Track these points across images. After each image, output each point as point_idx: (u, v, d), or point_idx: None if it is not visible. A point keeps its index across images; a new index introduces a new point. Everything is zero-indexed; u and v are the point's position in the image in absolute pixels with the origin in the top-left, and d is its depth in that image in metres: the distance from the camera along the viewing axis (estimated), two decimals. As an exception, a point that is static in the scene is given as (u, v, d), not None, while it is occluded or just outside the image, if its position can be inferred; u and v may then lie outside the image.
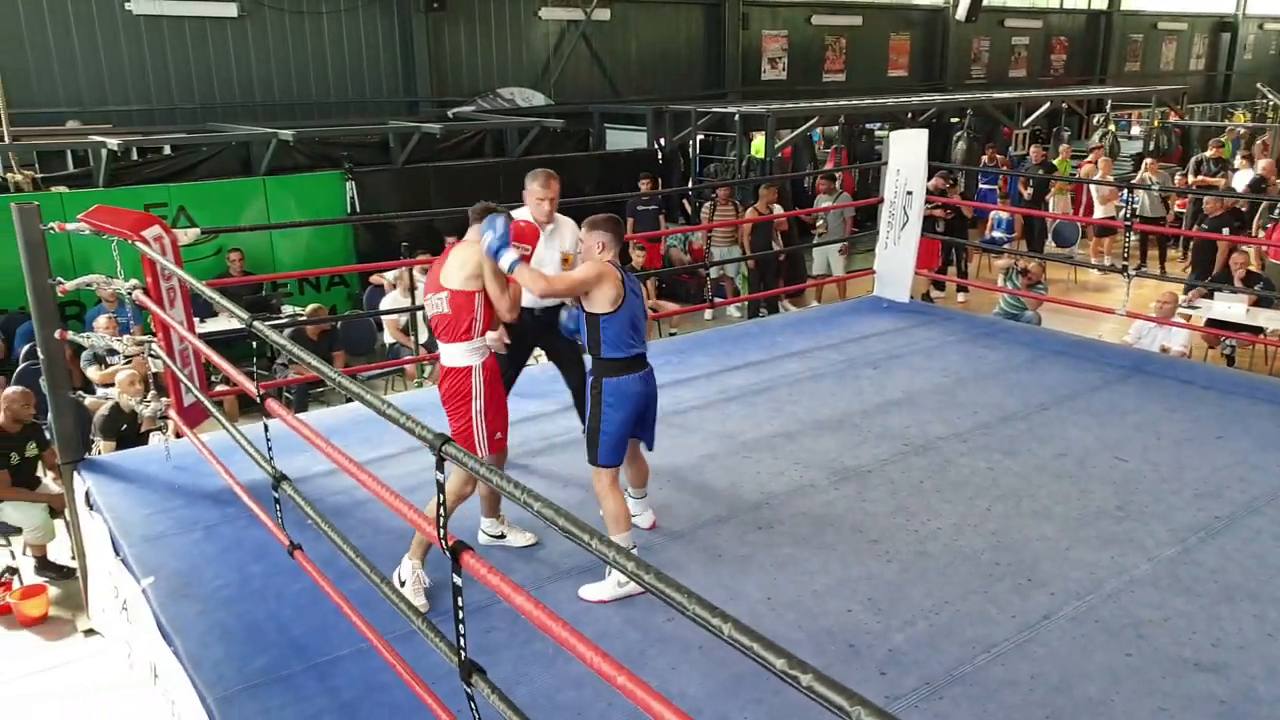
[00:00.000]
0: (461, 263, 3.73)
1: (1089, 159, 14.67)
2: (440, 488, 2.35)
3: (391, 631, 3.08)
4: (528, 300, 4.25)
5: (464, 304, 3.72)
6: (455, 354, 3.76)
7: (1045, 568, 3.94)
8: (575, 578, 3.87)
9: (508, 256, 3.58)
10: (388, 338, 9.29)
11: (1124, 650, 3.41)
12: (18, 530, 5.96)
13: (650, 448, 4.08)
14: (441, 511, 2.33)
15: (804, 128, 14.62)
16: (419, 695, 2.71)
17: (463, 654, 2.30)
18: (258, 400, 3.33)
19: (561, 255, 4.53)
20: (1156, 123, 18.82)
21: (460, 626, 2.29)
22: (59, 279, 4.82)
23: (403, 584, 3.66)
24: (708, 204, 12.08)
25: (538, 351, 5.57)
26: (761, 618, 3.62)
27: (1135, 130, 20.63)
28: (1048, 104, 17.90)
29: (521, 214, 4.48)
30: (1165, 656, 3.39)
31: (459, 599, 2.27)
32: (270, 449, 3.45)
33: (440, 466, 2.34)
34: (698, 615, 1.58)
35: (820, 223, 11.83)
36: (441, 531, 2.33)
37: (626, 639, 3.49)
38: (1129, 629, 3.53)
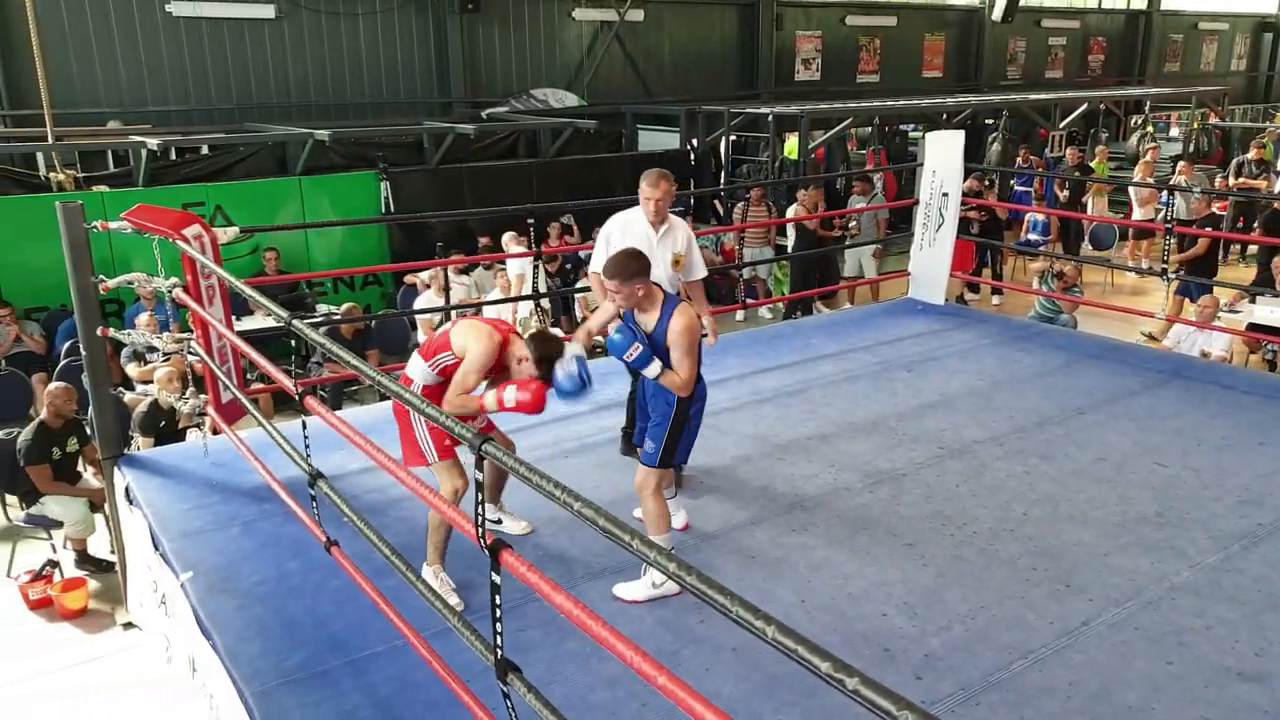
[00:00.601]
0: (473, 338, 3.62)
1: (1148, 159, 14.37)
2: (479, 486, 2.36)
3: (427, 629, 3.09)
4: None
5: (439, 350, 3.72)
6: (413, 365, 3.81)
7: (1083, 573, 3.89)
8: (609, 578, 3.87)
9: (653, 368, 3.61)
10: (421, 337, 9.34)
11: (1165, 658, 3.37)
12: (59, 524, 6.05)
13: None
14: (480, 510, 2.34)
15: (838, 129, 14.55)
16: (455, 692, 2.72)
17: (499, 652, 2.31)
18: (296, 398, 3.35)
19: (673, 256, 4.53)
20: (1196, 124, 18.56)
21: (498, 625, 2.30)
22: (101, 277, 4.89)
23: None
24: (740, 205, 12.06)
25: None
26: (795, 621, 3.59)
27: (1174, 132, 20.35)
28: (1085, 105, 17.69)
29: (636, 213, 4.53)
30: (1207, 665, 3.33)
31: (497, 597, 2.28)
32: (308, 446, 3.47)
33: (480, 465, 2.34)
34: (740, 617, 1.57)
35: (853, 224, 11.78)
36: (480, 530, 2.33)
37: (660, 640, 3.49)
38: (1170, 636, 3.48)
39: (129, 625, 5.33)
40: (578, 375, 3.61)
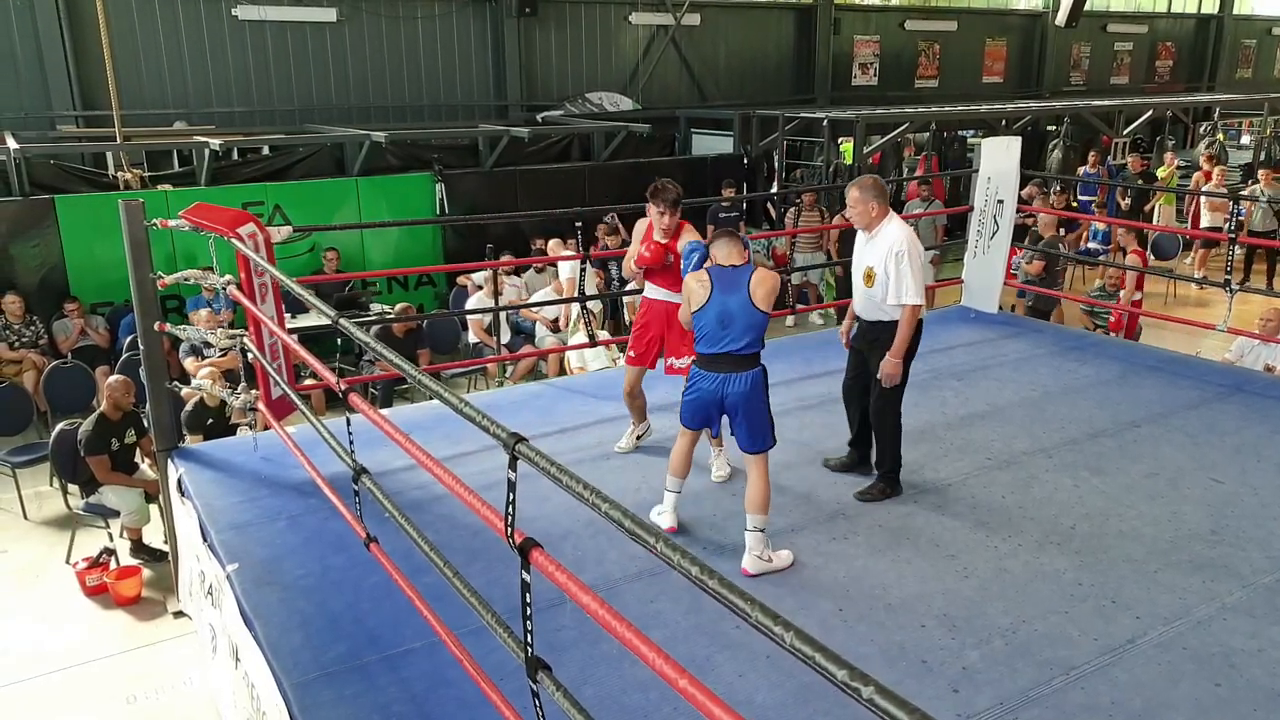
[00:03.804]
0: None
1: (1204, 168, 14.12)
2: (511, 486, 2.37)
3: (462, 626, 3.12)
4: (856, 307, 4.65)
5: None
6: None
7: (1131, 590, 3.80)
8: (646, 579, 3.87)
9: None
10: (472, 337, 9.44)
11: (1213, 680, 3.27)
12: (116, 513, 6.22)
13: (745, 448, 4.06)
14: (511, 509, 2.36)
15: (894, 133, 14.41)
16: (485, 691, 2.74)
17: (529, 650, 2.32)
18: (340, 395, 3.41)
19: (866, 270, 4.50)
20: (1268, 131, 18.06)
21: (528, 624, 2.31)
22: (159, 273, 5.01)
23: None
24: (792, 209, 12.00)
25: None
26: (833, 629, 3.57)
27: (1245, 139, 19.83)
28: (1150, 111, 17.30)
29: None
30: (1258, 689, 3.24)
31: (527, 596, 2.29)
32: (351, 443, 3.52)
33: (513, 465, 2.36)
34: (760, 623, 1.56)
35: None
36: (510, 529, 2.35)
37: (694, 644, 3.48)
38: (1219, 658, 3.39)
39: (179, 614, 5.45)
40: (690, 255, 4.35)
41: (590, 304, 7.24)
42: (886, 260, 4.34)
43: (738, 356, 3.98)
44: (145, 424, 6.20)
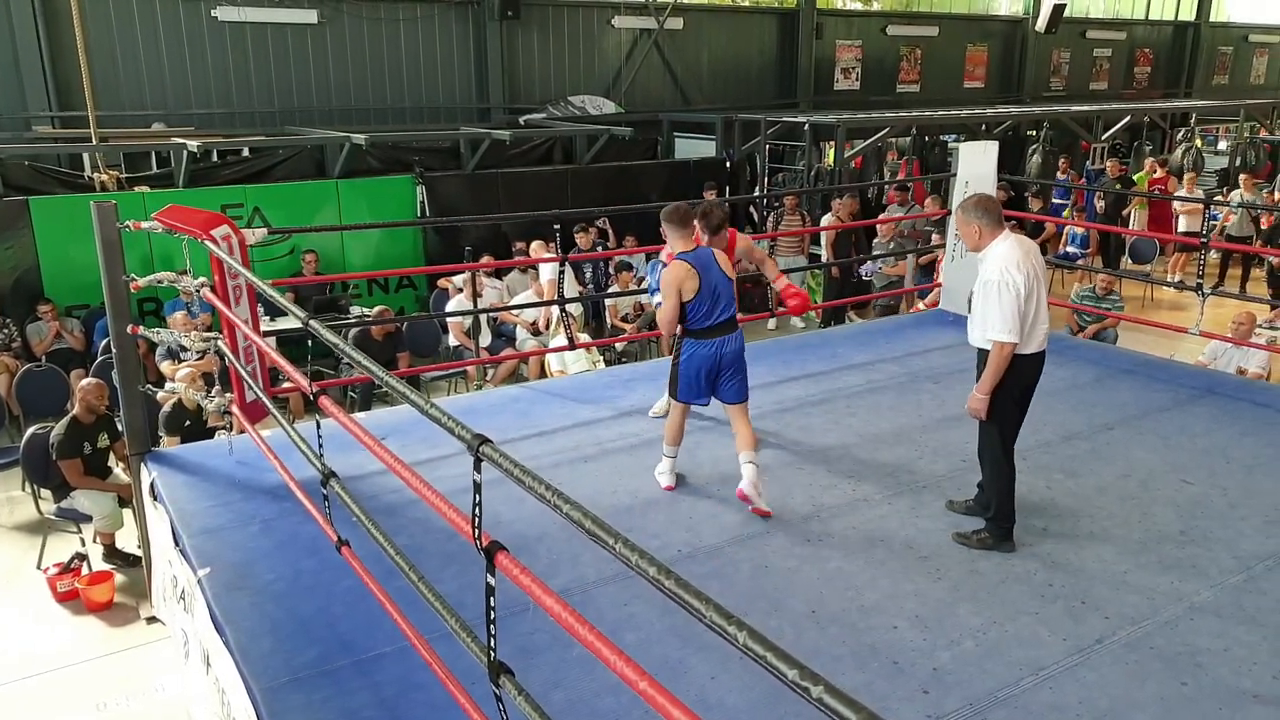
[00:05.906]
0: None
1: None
2: (477, 488, 2.37)
3: (432, 631, 3.11)
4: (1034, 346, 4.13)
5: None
6: None
7: (1100, 591, 3.83)
8: (621, 582, 3.87)
9: (657, 296, 4.67)
10: (452, 340, 9.42)
11: (1179, 679, 3.30)
12: (88, 518, 6.17)
13: (734, 400, 4.59)
14: (477, 512, 2.35)
15: (875, 138, 14.47)
16: (455, 695, 2.73)
17: (492, 655, 2.31)
18: (311, 397, 3.39)
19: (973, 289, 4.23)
20: (1245, 137, 18.23)
21: (491, 628, 2.30)
22: (133, 275, 4.98)
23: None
24: (773, 213, 12.03)
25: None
26: (805, 631, 3.58)
27: (1222, 145, 20.01)
28: (1128, 117, 17.44)
29: None
30: (1223, 687, 3.27)
31: (491, 600, 2.29)
32: (321, 446, 3.51)
33: (478, 467, 2.35)
34: (713, 622, 1.57)
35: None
36: (477, 531, 2.34)
37: (667, 646, 3.48)
38: (1185, 657, 3.41)
39: (152, 620, 5.42)
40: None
41: (570, 307, 7.23)
42: (979, 289, 3.99)
43: (728, 321, 4.50)
44: (118, 428, 6.16)
